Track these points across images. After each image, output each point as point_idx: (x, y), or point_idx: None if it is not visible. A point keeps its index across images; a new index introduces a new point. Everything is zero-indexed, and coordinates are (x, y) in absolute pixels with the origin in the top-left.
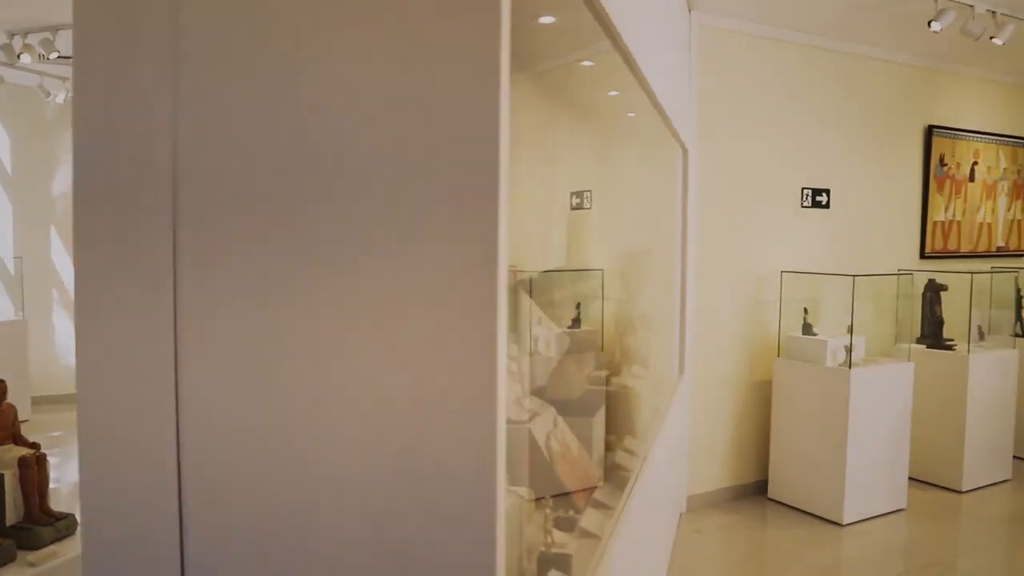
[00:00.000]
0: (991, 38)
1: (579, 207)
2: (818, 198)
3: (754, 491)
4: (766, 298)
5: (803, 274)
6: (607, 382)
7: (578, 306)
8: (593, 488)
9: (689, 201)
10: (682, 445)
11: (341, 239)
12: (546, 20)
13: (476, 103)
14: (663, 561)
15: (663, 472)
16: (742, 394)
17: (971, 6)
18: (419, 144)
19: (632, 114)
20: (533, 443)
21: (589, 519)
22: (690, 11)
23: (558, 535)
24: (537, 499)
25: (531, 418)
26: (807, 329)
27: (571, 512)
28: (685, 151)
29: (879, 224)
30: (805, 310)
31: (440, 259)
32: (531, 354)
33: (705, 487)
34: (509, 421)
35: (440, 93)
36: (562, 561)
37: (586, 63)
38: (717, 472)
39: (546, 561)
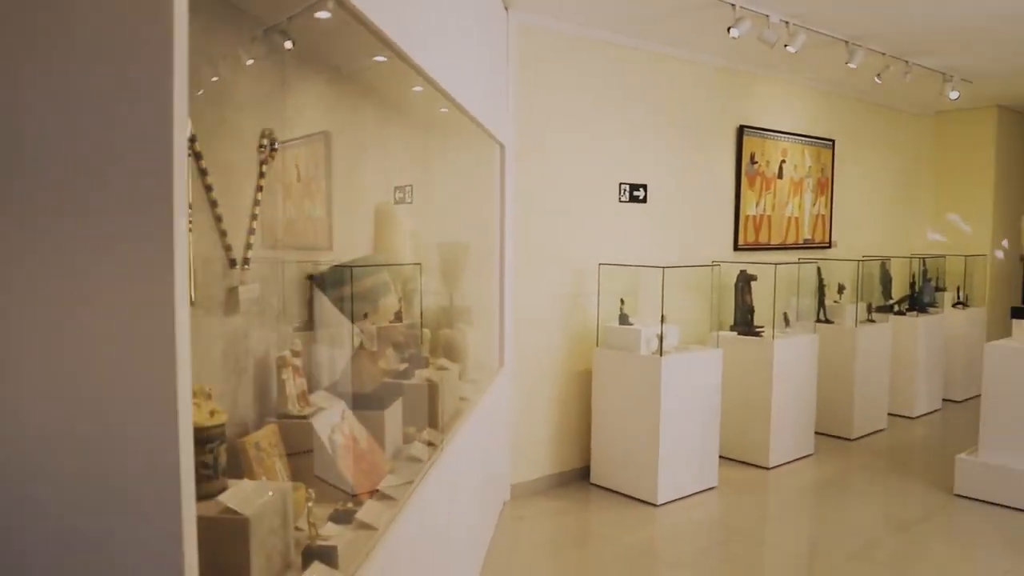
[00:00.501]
0: (785, 46)
1: (401, 201)
2: (635, 193)
3: (577, 477)
4: (586, 290)
5: (618, 266)
6: (411, 375)
7: (400, 300)
8: (380, 480)
9: (507, 196)
10: (503, 435)
11: (19, 233)
12: (322, 15)
13: (149, 106)
14: (477, 549)
15: (473, 462)
16: (564, 383)
17: (766, 15)
18: (96, 143)
19: (444, 109)
20: (314, 437)
21: (371, 511)
22: (507, 10)
23: (333, 528)
24: (308, 491)
25: (314, 412)
26: (623, 319)
27: (350, 504)
28: (502, 147)
29: (695, 218)
30: (622, 301)
31: (119, 256)
32: (327, 348)
33: (529, 475)
34: (289, 416)
35: (116, 95)
36: (327, 553)
37: (379, 58)
38: (541, 460)
39: (310, 554)
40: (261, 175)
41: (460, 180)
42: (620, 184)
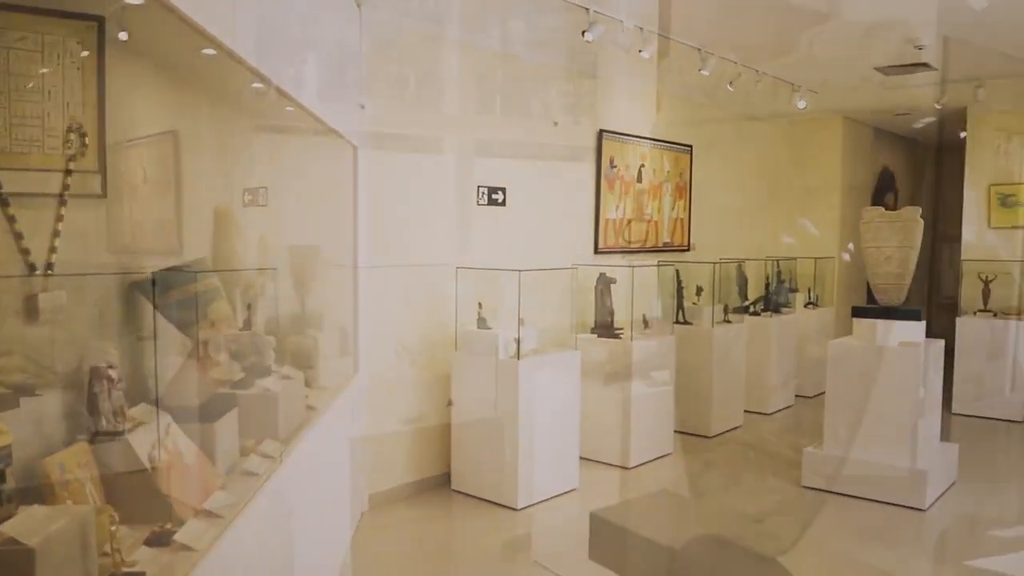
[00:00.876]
0: (639, 51)
1: (252, 203)
2: (494, 196)
3: (438, 484)
4: (444, 294)
5: (475, 270)
6: (250, 384)
7: (249, 306)
8: (207, 497)
9: (360, 198)
10: (358, 444)
11: None
12: (136, 1)
13: None
14: (330, 561)
15: (320, 473)
16: (422, 389)
17: (620, 21)
18: None
19: (290, 108)
20: (130, 455)
21: (192, 531)
22: (359, 7)
23: (148, 552)
24: (112, 514)
25: (133, 428)
26: (482, 323)
27: (169, 525)
28: (355, 148)
29: (555, 221)
30: (479, 304)
31: None
32: (151, 358)
33: (388, 484)
34: (103, 433)
35: None
36: None
37: (208, 51)
38: (400, 468)
39: None
40: (68, 172)
41: (312, 182)
42: (479, 187)
